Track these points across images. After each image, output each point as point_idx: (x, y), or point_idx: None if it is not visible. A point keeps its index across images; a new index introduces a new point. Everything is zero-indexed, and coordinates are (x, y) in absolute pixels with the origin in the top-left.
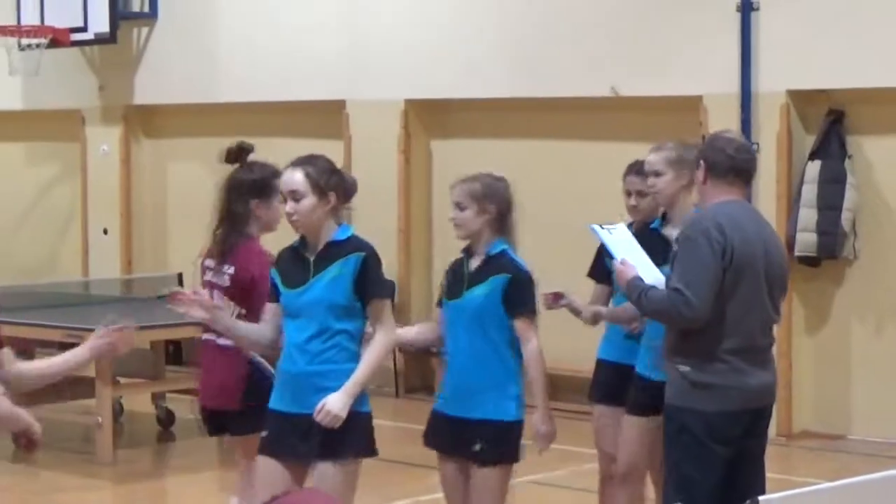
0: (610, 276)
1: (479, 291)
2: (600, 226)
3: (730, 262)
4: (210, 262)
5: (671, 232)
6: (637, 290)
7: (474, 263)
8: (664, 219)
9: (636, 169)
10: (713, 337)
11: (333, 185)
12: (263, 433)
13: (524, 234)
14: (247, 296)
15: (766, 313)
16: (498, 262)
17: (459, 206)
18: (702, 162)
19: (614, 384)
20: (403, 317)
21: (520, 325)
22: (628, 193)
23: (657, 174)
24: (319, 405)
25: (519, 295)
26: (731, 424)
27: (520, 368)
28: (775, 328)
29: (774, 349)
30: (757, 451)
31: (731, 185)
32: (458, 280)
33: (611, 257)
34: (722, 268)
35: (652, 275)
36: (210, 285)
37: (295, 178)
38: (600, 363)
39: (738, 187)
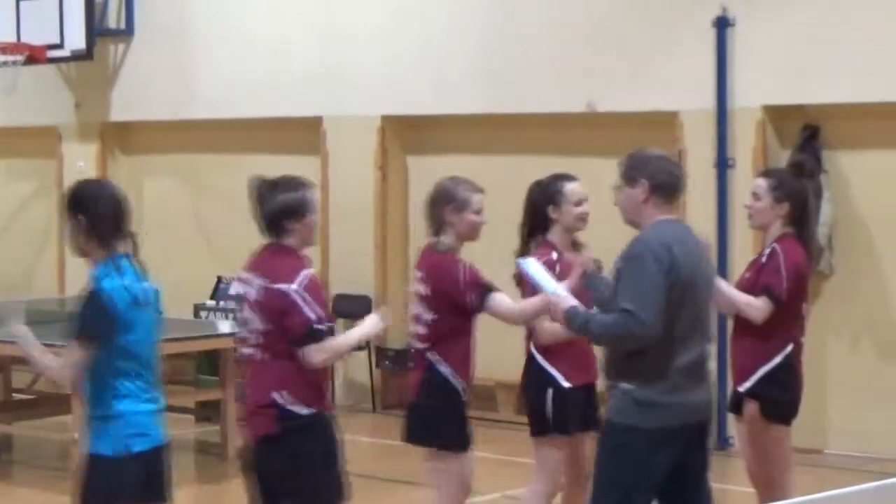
0: None
1: None
2: (522, 263)
3: (676, 280)
4: None
5: None
6: (580, 318)
7: None
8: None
9: None
10: (660, 355)
11: None
12: None
13: (501, 250)
14: None
15: (707, 330)
16: None
17: None
18: (645, 181)
19: None
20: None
21: None
22: None
23: None
24: None
25: None
26: (674, 440)
27: None
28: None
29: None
30: (699, 464)
31: (670, 205)
32: None
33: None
34: (669, 286)
35: (575, 303)
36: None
37: None
38: None
39: (674, 205)
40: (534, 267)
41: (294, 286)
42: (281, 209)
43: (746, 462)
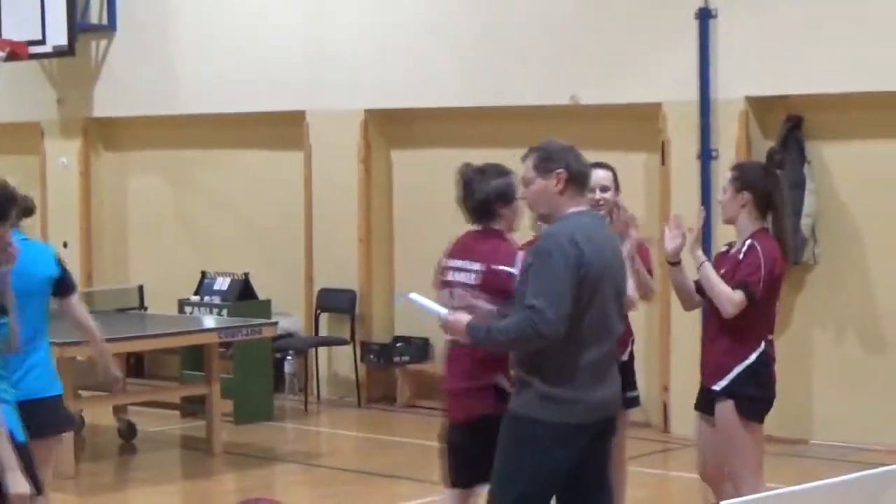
0: None
1: None
2: (403, 297)
3: (585, 277)
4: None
5: None
6: (481, 330)
7: None
8: None
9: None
10: (566, 352)
11: None
12: None
13: None
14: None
15: (616, 325)
16: None
17: None
18: (563, 171)
19: None
20: (365, 326)
21: None
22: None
23: None
24: None
25: None
26: (577, 435)
27: None
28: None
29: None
30: (602, 459)
31: (582, 195)
32: None
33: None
34: (577, 280)
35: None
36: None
37: None
38: None
39: (585, 195)
40: (417, 297)
41: (515, 269)
42: (494, 194)
43: (704, 460)
